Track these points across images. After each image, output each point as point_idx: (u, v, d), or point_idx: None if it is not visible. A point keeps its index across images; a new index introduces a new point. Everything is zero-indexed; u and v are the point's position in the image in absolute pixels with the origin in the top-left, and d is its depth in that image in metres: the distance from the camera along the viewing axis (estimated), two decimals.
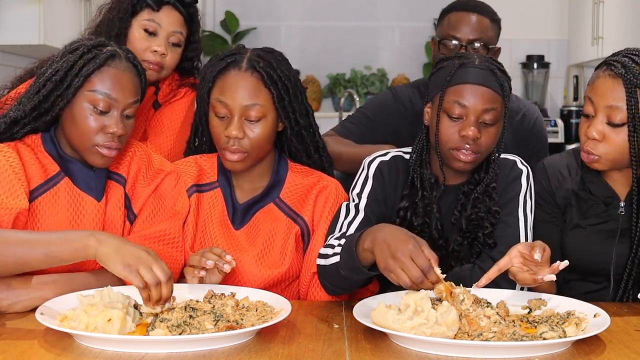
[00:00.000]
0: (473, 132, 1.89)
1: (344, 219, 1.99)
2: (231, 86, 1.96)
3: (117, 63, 1.88)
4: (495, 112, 1.92)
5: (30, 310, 1.71)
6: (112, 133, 1.85)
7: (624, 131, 1.85)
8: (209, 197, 2.06)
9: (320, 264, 1.91)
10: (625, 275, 1.93)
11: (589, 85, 1.92)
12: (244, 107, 1.95)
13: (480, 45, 2.61)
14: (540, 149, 2.73)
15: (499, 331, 1.57)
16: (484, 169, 2.00)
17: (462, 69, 1.93)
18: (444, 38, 2.64)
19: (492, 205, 1.97)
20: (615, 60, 1.89)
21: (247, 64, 1.97)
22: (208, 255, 1.83)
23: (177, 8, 2.34)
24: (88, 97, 1.85)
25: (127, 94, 1.88)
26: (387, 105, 2.75)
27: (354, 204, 2.01)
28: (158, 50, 2.31)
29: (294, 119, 2.03)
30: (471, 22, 2.62)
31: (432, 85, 2.01)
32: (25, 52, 4.01)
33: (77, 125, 1.86)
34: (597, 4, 4.57)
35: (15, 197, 1.78)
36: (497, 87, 1.92)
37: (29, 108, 1.87)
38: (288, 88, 1.99)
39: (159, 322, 1.59)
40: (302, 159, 2.11)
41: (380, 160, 2.07)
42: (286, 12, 5.51)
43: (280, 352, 1.50)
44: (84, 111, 1.85)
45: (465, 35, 2.61)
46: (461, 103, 1.90)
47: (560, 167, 2.05)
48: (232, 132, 1.94)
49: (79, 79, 1.84)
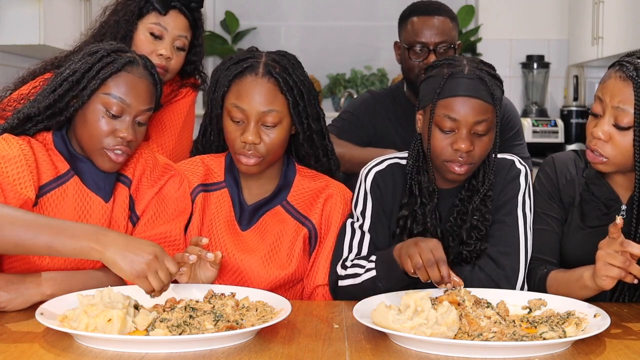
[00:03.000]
0: (466, 146, 1.88)
1: (350, 239, 2.00)
2: (248, 92, 1.95)
3: (135, 69, 1.89)
4: (487, 122, 1.90)
5: (30, 308, 1.72)
6: (122, 137, 1.86)
7: (630, 135, 1.82)
8: (216, 197, 2.06)
9: (348, 284, 1.93)
10: None
11: (600, 84, 1.88)
12: (260, 113, 1.95)
13: (445, 46, 2.69)
14: (517, 130, 2.84)
15: (499, 331, 1.57)
16: (481, 176, 2.00)
17: (451, 79, 1.89)
18: (410, 44, 2.72)
19: (486, 213, 1.97)
20: (628, 61, 1.83)
21: (263, 70, 1.96)
22: (190, 249, 1.83)
23: (183, 12, 2.36)
24: (102, 99, 1.86)
25: (140, 101, 1.88)
26: (369, 104, 2.86)
27: (359, 225, 2.02)
28: (164, 53, 2.32)
29: (307, 124, 2.03)
30: (435, 26, 2.70)
31: (422, 95, 1.98)
32: (25, 52, 4.01)
33: (89, 126, 1.86)
34: (597, 4, 4.57)
35: (24, 186, 1.78)
36: (488, 96, 1.90)
37: (43, 106, 1.88)
38: (303, 93, 2.00)
39: (159, 322, 1.59)
40: (310, 162, 2.11)
41: (375, 171, 2.06)
42: (286, 12, 5.51)
43: (280, 352, 1.50)
44: (97, 113, 1.86)
45: (431, 39, 2.69)
46: (452, 117, 1.88)
47: (569, 164, 2.03)
48: (249, 138, 1.94)
49: (96, 81, 1.85)
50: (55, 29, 3.85)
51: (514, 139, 2.78)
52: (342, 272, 1.95)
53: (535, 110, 5.15)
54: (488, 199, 1.98)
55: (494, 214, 1.98)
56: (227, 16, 5.33)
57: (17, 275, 1.78)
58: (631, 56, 1.85)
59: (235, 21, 5.32)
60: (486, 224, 1.96)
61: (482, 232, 1.96)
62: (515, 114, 2.88)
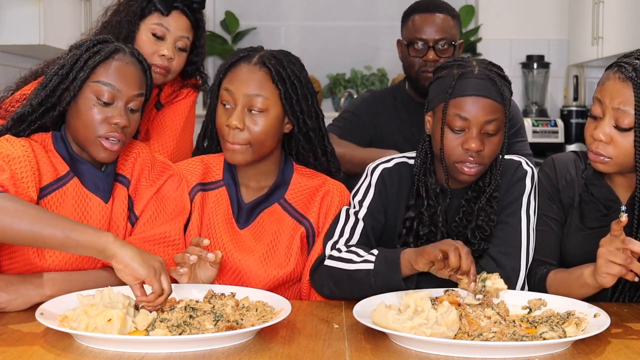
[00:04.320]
0: (476, 145, 1.88)
1: (344, 224, 1.99)
2: (239, 77, 1.98)
3: (122, 56, 1.90)
4: (497, 122, 1.91)
5: (30, 308, 1.72)
6: (115, 124, 1.86)
7: (631, 135, 1.81)
8: (214, 196, 2.06)
9: (337, 266, 1.90)
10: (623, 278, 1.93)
11: (598, 86, 1.88)
12: (247, 97, 1.96)
13: (445, 43, 2.71)
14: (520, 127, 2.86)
15: (499, 331, 1.57)
16: (487, 177, 2.00)
17: (461, 80, 1.91)
18: (410, 41, 2.74)
19: (491, 214, 1.97)
20: (626, 62, 1.83)
21: (257, 59, 2.00)
22: (190, 250, 1.84)
23: (186, 13, 2.36)
24: (92, 88, 1.86)
25: (131, 86, 1.89)
26: (369, 103, 2.88)
27: (354, 211, 2.01)
28: (166, 54, 2.32)
29: (302, 119, 2.03)
30: (435, 23, 2.72)
31: (432, 96, 1.99)
32: (25, 52, 4.01)
33: (82, 117, 1.87)
34: (597, 4, 4.57)
35: (27, 187, 1.78)
36: (498, 96, 1.91)
37: (36, 103, 1.88)
38: (297, 87, 2.00)
39: (159, 322, 1.59)
40: (309, 160, 2.11)
41: (383, 167, 2.06)
42: (286, 12, 5.51)
43: (280, 352, 1.50)
44: (89, 102, 1.86)
45: (431, 35, 2.71)
46: (462, 116, 1.89)
47: (569, 166, 2.03)
48: (232, 122, 1.95)
49: (85, 71, 1.86)
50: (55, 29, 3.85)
51: (515, 136, 2.79)
52: (334, 254, 1.92)
53: (535, 110, 5.14)
54: (494, 199, 1.98)
55: (498, 214, 1.98)
56: (227, 16, 5.33)
57: (17, 276, 1.78)
58: (629, 57, 1.84)
59: (235, 21, 5.32)
60: (491, 224, 1.96)
61: (486, 233, 1.96)
62: (518, 111, 2.91)
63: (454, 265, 1.68)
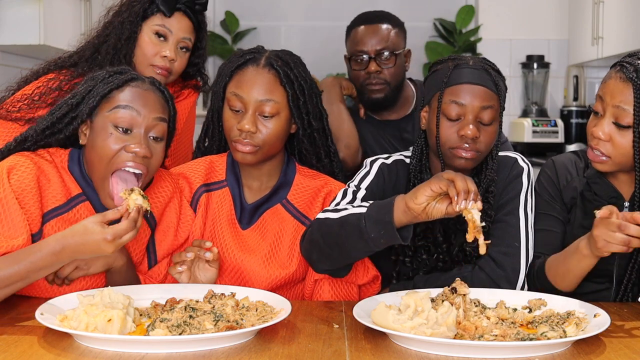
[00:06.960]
0: (472, 131, 1.91)
1: (340, 200, 1.98)
2: (248, 81, 1.98)
3: (140, 83, 1.82)
4: (492, 110, 1.94)
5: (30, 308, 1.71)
6: (134, 153, 1.74)
7: (629, 134, 1.83)
8: (217, 196, 2.07)
9: (326, 217, 1.86)
10: (626, 277, 1.93)
11: (601, 83, 1.91)
12: (259, 102, 1.96)
13: (387, 53, 2.68)
14: None
15: (501, 332, 1.57)
16: (483, 172, 2.00)
17: (457, 70, 1.95)
18: (352, 54, 2.73)
19: (488, 209, 1.97)
20: (629, 62, 1.85)
21: (265, 61, 2.00)
22: (189, 249, 1.84)
23: (188, 15, 2.36)
24: (109, 117, 1.77)
25: (150, 109, 1.78)
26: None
27: (352, 190, 2.01)
28: (168, 55, 2.32)
29: (307, 121, 2.04)
30: (374, 34, 2.70)
31: (428, 89, 2.03)
32: (25, 52, 4.01)
33: (97, 149, 1.76)
34: (597, 4, 4.57)
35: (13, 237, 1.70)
36: (492, 85, 1.95)
37: (40, 129, 1.82)
38: (304, 89, 2.01)
39: (159, 322, 1.59)
40: (312, 161, 2.12)
41: (382, 161, 2.08)
42: (286, 12, 5.51)
43: (280, 352, 1.50)
44: (105, 132, 1.75)
45: (371, 47, 2.69)
46: (458, 102, 1.92)
47: (569, 166, 2.05)
48: (245, 126, 1.95)
49: (95, 98, 1.78)
50: (55, 29, 3.85)
51: None
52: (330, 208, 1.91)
53: (535, 110, 5.14)
54: (490, 194, 1.99)
55: (496, 213, 1.98)
56: (227, 16, 5.33)
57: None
58: (632, 57, 1.86)
59: (235, 21, 5.32)
60: (488, 219, 1.96)
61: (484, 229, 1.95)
62: None
63: (465, 187, 1.67)
